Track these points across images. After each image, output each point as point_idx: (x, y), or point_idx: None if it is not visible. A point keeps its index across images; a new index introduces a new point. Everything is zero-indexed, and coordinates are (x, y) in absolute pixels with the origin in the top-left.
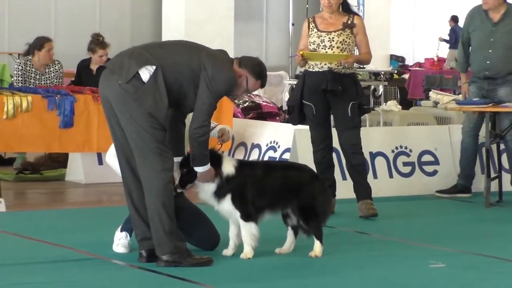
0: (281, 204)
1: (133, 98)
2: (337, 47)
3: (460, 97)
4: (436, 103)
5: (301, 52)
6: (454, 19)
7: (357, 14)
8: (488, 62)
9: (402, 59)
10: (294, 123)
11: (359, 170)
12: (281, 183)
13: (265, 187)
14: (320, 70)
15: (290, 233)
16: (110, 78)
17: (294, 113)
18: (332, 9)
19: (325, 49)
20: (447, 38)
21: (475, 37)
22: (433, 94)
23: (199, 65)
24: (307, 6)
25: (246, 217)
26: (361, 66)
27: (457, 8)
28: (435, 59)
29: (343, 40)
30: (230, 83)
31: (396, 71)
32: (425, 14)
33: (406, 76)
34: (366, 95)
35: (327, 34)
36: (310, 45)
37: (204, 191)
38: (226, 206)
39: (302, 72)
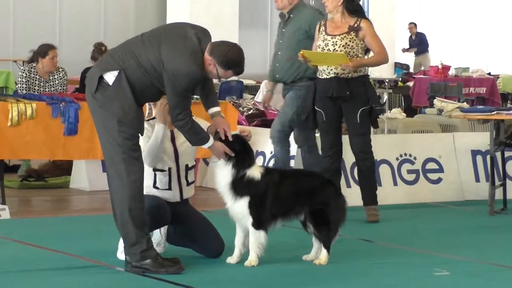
0: (295, 210)
1: (100, 105)
2: (340, 51)
3: (465, 104)
4: (440, 111)
5: (301, 52)
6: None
7: (365, 18)
8: (277, 65)
9: (406, 66)
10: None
11: (365, 175)
12: (295, 189)
13: (281, 194)
14: (327, 77)
15: (315, 239)
16: (87, 92)
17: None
18: (329, 8)
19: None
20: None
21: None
22: (437, 102)
23: (158, 63)
24: None
25: (258, 225)
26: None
27: (462, 15)
28: (440, 67)
29: (346, 43)
30: (191, 78)
31: (400, 79)
32: (429, 22)
33: (410, 83)
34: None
35: (332, 38)
36: (317, 48)
37: (220, 182)
38: (241, 208)
39: (315, 79)
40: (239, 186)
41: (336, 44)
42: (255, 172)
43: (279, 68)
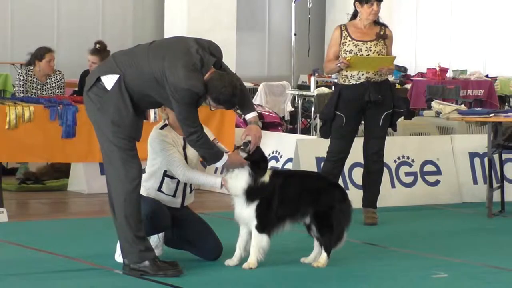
0: (302, 212)
1: (97, 107)
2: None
3: (462, 107)
4: (438, 113)
5: (348, 58)
6: None
7: (387, 26)
8: None
9: (404, 69)
10: (326, 137)
11: (373, 177)
12: (302, 190)
13: (288, 195)
14: (357, 82)
15: (316, 244)
16: (84, 89)
17: (326, 126)
18: (373, 17)
19: None
20: None
21: None
22: (435, 104)
23: (160, 76)
24: (309, 16)
25: (262, 228)
26: None
27: (459, 17)
28: (437, 69)
29: (380, 50)
30: (192, 92)
31: (398, 81)
32: (427, 24)
33: (408, 86)
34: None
35: (364, 43)
36: (346, 53)
37: (236, 188)
38: (249, 211)
39: (336, 87)
40: (253, 192)
41: (370, 50)
42: (265, 176)
43: None
